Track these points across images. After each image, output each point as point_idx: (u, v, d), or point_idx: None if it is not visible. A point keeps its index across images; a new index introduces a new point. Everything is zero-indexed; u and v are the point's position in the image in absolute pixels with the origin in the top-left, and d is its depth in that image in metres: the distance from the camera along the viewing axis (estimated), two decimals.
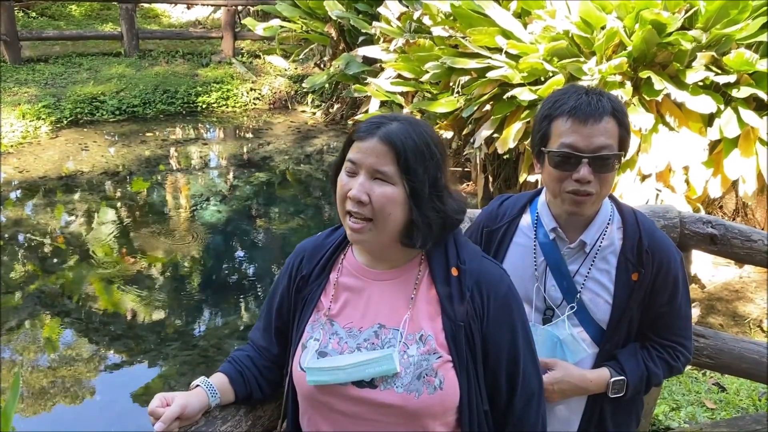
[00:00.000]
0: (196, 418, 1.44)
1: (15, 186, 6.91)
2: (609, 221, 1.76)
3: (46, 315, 4.78)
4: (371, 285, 1.45)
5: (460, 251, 1.44)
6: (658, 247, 1.74)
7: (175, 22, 13.79)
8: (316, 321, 1.47)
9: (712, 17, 4.85)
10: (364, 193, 1.34)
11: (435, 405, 1.36)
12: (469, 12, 5.80)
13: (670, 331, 1.79)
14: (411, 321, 1.40)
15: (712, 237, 2.30)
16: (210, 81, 9.86)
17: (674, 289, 1.75)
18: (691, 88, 4.83)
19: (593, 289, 1.75)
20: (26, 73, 9.64)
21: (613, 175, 1.68)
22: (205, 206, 6.68)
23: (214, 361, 4.27)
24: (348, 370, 1.37)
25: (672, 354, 1.80)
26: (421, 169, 1.34)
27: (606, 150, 1.62)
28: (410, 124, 1.38)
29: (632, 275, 1.72)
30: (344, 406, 1.40)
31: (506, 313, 1.42)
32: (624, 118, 1.67)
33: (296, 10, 9.33)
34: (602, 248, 1.75)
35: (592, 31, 5.13)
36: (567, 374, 1.73)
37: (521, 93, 5.17)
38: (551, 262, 1.77)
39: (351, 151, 1.38)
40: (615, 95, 1.71)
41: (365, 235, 1.37)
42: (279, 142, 8.55)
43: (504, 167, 6.42)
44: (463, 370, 1.37)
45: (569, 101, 1.65)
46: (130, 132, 8.57)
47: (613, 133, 1.64)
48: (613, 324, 1.75)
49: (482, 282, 1.41)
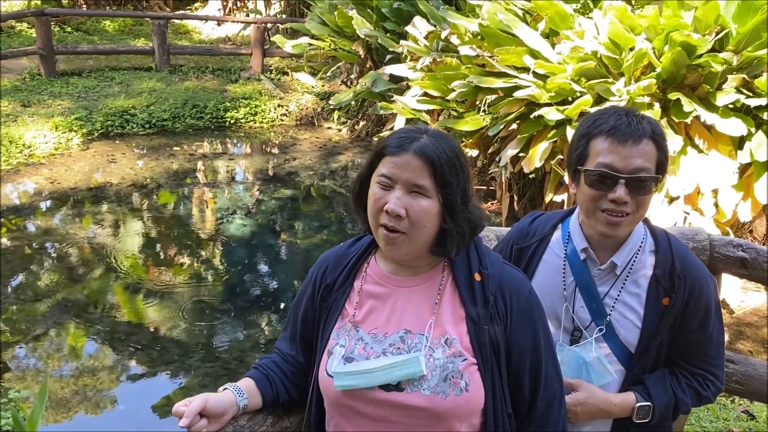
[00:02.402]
0: (223, 418, 1.45)
1: (46, 196, 7.04)
2: (641, 244, 1.74)
3: (72, 324, 4.84)
4: (396, 292, 1.48)
5: (482, 257, 1.48)
6: (691, 273, 1.70)
7: (206, 38, 14.03)
8: (341, 328, 1.50)
9: (743, 39, 4.80)
10: (401, 207, 1.37)
11: (461, 406, 1.38)
12: (497, 31, 5.82)
13: (701, 358, 1.75)
14: (436, 325, 1.43)
15: (742, 261, 2.26)
16: (238, 97, 9.99)
17: (706, 316, 1.71)
18: (721, 110, 4.78)
19: (623, 312, 1.72)
20: (60, 86, 9.86)
21: (649, 198, 1.66)
22: (231, 220, 6.74)
23: (236, 373, 4.28)
24: (375, 373, 1.40)
25: (702, 383, 1.75)
26: (455, 182, 1.39)
27: (644, 172, 1.61)
28: (439, 138, 1.42)
29: (663, 300, 1.69)
30: (371, 409, 1.42)
31: (528, 316, 1.45)
32: (662, 141, 1.65)
33: (325, 28, 9.44)
34: (633, 271, 1.72)
35: (621, 52, 5.11)
36: (591, 396, 1.70)
37: (548, 113, 5.16)
38: (580, 283, 1.75)
39: (383, 166, 1.41)
40: (654, 119, 1.69)
41: (399, 246, 1.41)
42: (305, 158, 8.61)
43: (530, 187, 6.39)
44: (488, 372, 1.40)
45: (609, 121, 1.64)
46: (159, 145, 8.70)
47: (651, 155, 1.63)
48: (641, 348, 1.72)
49: (504, 286, 1.45)
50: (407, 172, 1.37)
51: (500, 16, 5.84)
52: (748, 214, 4.93)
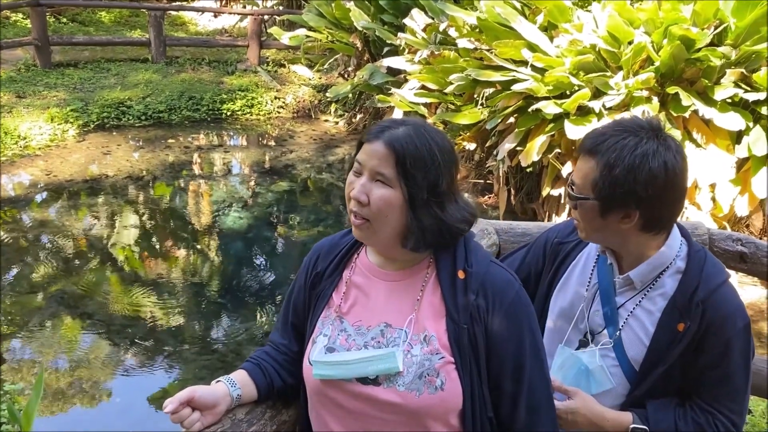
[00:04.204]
0: (217, 410, 1.44)
1: (41, 188, 7.00)
2: (669, 265, 1.66)
3: (68, 316, 4.82)
4: (380, 285, 1.47)
5: (469, 255, 1.44)
6: (715, 305, 1.60)
7: (202, 30, 13.96)
8: (326, 317, 1.50)
9: (742, 34, 4.79)
10: (363, 193, 1.37)
11: (436, 405, 1.36)
12: (496, 25, 5.80)
13: (714, 397, 1.62)
14: (416, 322, 1.41)
15: (741, 255, 2.25)
16: (235, 89, 9.95)
17: (725, 353, 1.59)
18: (719, 104, 4.78)
19: (633, 328, 1.67)
20: (56, 78, 9.80)
21: (583, 214, 1.61)
22: (227, 212, 6.72)
23: (232, 366, 4.27)
24: (351, 365, 1.39)
25: (710, 421, 1.61)
26: (420, 175, 1.36)
27: (573, 187, 1.63)
28: (416, 129, 1.39)
29: (678, 325, 1.61)
30: (349, 402, 1.41)
31: (512, 319, 1.40)
32: (605, 167, 1.54)
33: (322, 20, 9.39)
34: (653, 289, 1.67)
35: (620, 46, 5.10)
36: (584, 406, 1.64)
37: (546, 106, 5.14)
38: (602, 287, 1.72)
39: (359, 153, 1.42)
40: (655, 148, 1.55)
41: (364, 232, 1.41)
42: (301, 151, 8.59)
43: (527, 180, 6.38)
44: (466, 372, 1.37)
45: (593, 131, 1.65)
46: (155, 137, 8.66)
47: (583, 174, 1.59)
48: (645, 367, 1.65)
49: (488, 285, 1.41)
50: (373, 159, 1.37)
51: (498, 10, 5.82)
52: (745, 209, 4.93)
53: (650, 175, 1.53)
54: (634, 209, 1.57)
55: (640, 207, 1.57)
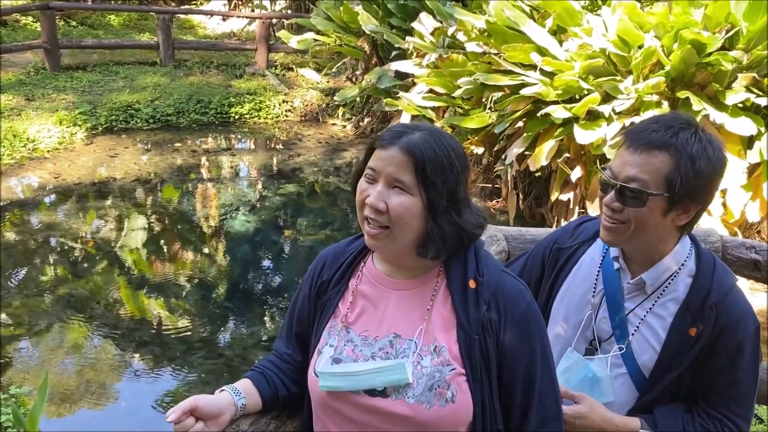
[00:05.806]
0: (221, 419, 1.42)
1: (50, 190, 7.02)
2: (680, 268, 1.63)
3: (74, 319, 4.82)
4: (389, 294, 1.44)
5: (480, 264, 1.41)
6: (727, 309, 1.58)
7: (211, 33, 14.00)
8: (332, 327, 1.47)
9: (753, 38, 4.76)
10: (381, 201, 1.34)
11: (446, 418, 1.33)
12: (504, 28, 5.78)
13: (722, 403, 1.60)
14: (426, 332, 1.38)
15: (755, 263, 2.21)
16: (243, 92, 9.95)
17: (736, 357, 1.58)
18: (730, 109, 4.73)
19: (644, 334, 1.64)
20: (65, 81, 9.84)
21: (646, 213, 1.54)
22: (235, 216, 6.71)
23: (238, 370, 4.25)
24: (360, 377, 1.36)
25: (719, 427, 1.60)
26: (440, 181, 1.33)
27: (635, 183, 1.52)
28: (432, 135, 1.37)
29: (690, 330, 1.59)
30: (356, 414, 1.38)
31: (524, 330, 1.38)
32: (685, 160, 1.51)
33: (330, 24, 9.40)
34: (665, 293, 1.64)
35: (630, 50, 5.06)
36: (592, 411, 1.62)
37: (555, 111, 5.11)
38: (608, 292, 1.69)
39: (372, 159, 1.38)
40: (712, 137, 1.55)
41: (381, 241, 1.37)
42: (309, 154, 8.58)
43: (535, 185, 6.35)
44: (477, 384, 1.35)
45: (641, 126, 1.57)
46: (163, 140, 8.67)
47: (655, 168, 1.51)
48: (656, 374, 1.63)
49: (500, 295, 1.38)
50: (390, 166, 1.34)
51: (507, 13, 5.79)
52: (756, 215, 4.89)
53: (714, 169, 1.55)
54: (696, 203, 1.56)
55: (701, 201, 1.57)
